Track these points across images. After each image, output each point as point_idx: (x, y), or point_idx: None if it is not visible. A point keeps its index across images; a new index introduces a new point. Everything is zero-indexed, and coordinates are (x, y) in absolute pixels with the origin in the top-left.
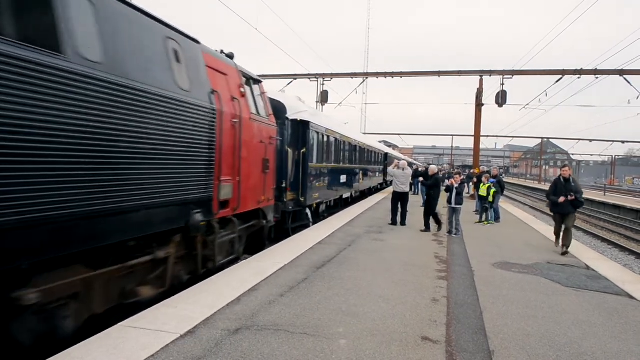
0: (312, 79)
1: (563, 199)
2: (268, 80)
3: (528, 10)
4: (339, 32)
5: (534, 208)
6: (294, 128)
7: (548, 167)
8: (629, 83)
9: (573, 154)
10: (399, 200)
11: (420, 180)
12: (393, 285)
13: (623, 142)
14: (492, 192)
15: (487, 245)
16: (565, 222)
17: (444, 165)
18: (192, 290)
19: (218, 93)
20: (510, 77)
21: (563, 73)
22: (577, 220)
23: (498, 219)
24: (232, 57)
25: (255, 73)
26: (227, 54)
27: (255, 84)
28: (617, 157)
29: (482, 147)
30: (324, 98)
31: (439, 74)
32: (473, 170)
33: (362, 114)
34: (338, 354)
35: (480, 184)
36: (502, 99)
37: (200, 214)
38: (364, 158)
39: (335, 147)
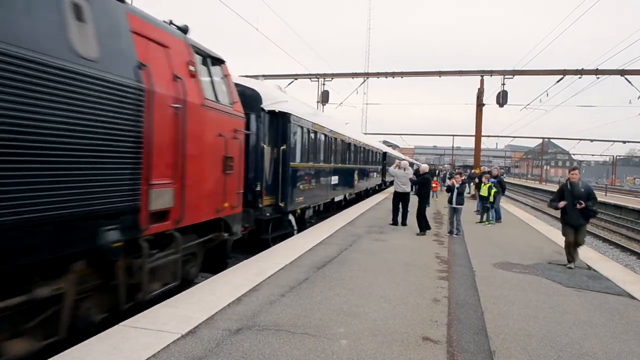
0: (312, 79)
1: (563, 204)
2: (268, 80)
3: (528, 11)
4: (340, 32)
5: (535, 208)
6: (272, 121)
7: (549, 167)
8: (630, 83)
9: (574, 154)
10: (400, 200)
11: (410, 179)
12: (394, 286)
13: (624, 142)
14: (492, 192)
15: (488, 246)
16: (578, 236)
17: (445, 165)
18: (192, 291)
19: (148, 68)
20: (511, 77)
21: (564, 73)
22: None
23: (499, 219)
24: (185, 30)
25: (256, 73)
26: (179, 27)
27: (216, 65)
28: (618, 157)
29: (483, 147)
30: (325, 98)
31: (440, 74)
32: (474, 170)
33: (362, 114)
34: (339, 354)
35: (481, 184)
36: (503, 99)
37: (117, 232)
38: (360, 157)
39: (325, 144)
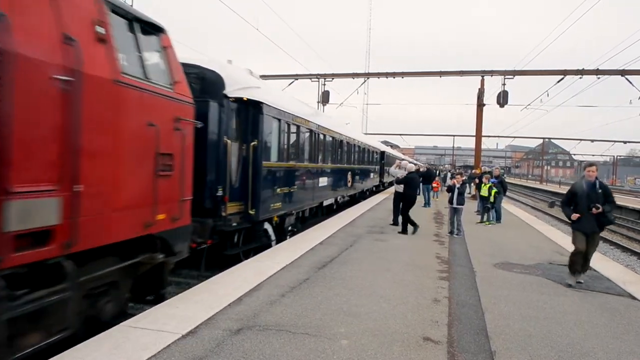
0: (313, 79)
1: (576, 217)
2: (269, 81)
3: (527, 11)
4: (340, 32)
5: (536, 208)
6: (240, 111)
7: (550, 167)
8: (631, 83)
9: (575, 154)
10: (401, 201)
11: (397, 178)
12: (395, 286)
13: (625, 142)
14: (493, 192)
15: (488, 246)
16: (589, 245)
17: (445, 166)
18: (192, 291)
19: (6, 18)
20: (512, 77)
21: (564, 73)
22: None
23: (499, 220)
24: None
25: (256, 73)
26: None
27: (150, 34)
28: (618, 157)
29: (483, 147)
30: (326, 98)
31: (440, 74)
32: (474, 171)
33: (363, 114)
34: (339, 354)
35: (482, 184)
36: (503, 99)
37: None
38: (355, 156)
39: (312, 141)
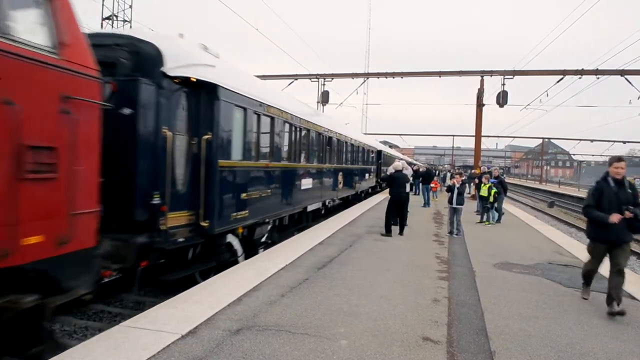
0: (312, 80)
1: (618, 218)
2: (269, 81)
3: (527, 10)
4: (340, 32)
5: (535, 208)
6: (188, 95)
7: (549, 167)
8: (630, 83)
9: (574, 154)
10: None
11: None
12: (394, 286)
13: (624, 142)
14: (493, 192)
15: (488, 246)
16: (617, 257)
17: (445, 166)
18: (192, 291)
19: None
20: (511, 77)
21: (564, 73)
22: (577, 220)
23: (499, 220)
24: None
25: (255, 73)
26: None
27: None
28: None
29: (483, 147)
30: (325, 98)
31: (440, 74)
32: (474, 171)
33: (362, 115)
34: (339, 354)
35: (481, 184)
36: (503, 99)
37: None
38: (347, 155)
39: (291, 136)
